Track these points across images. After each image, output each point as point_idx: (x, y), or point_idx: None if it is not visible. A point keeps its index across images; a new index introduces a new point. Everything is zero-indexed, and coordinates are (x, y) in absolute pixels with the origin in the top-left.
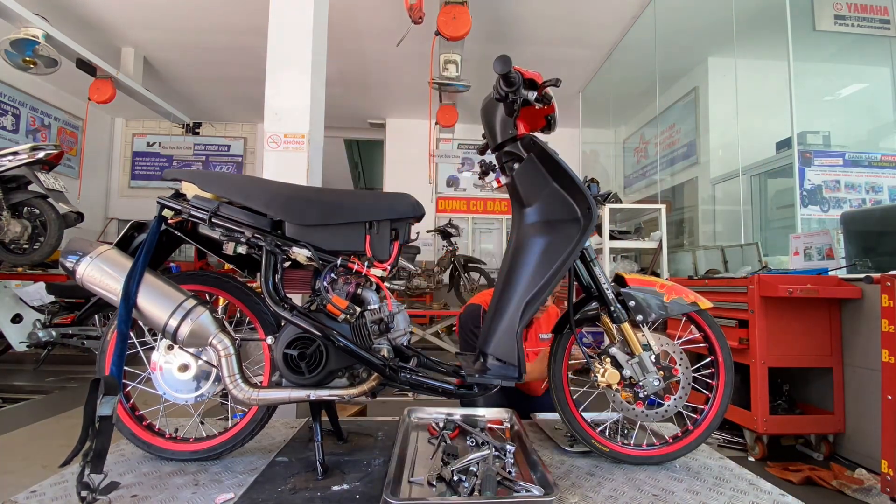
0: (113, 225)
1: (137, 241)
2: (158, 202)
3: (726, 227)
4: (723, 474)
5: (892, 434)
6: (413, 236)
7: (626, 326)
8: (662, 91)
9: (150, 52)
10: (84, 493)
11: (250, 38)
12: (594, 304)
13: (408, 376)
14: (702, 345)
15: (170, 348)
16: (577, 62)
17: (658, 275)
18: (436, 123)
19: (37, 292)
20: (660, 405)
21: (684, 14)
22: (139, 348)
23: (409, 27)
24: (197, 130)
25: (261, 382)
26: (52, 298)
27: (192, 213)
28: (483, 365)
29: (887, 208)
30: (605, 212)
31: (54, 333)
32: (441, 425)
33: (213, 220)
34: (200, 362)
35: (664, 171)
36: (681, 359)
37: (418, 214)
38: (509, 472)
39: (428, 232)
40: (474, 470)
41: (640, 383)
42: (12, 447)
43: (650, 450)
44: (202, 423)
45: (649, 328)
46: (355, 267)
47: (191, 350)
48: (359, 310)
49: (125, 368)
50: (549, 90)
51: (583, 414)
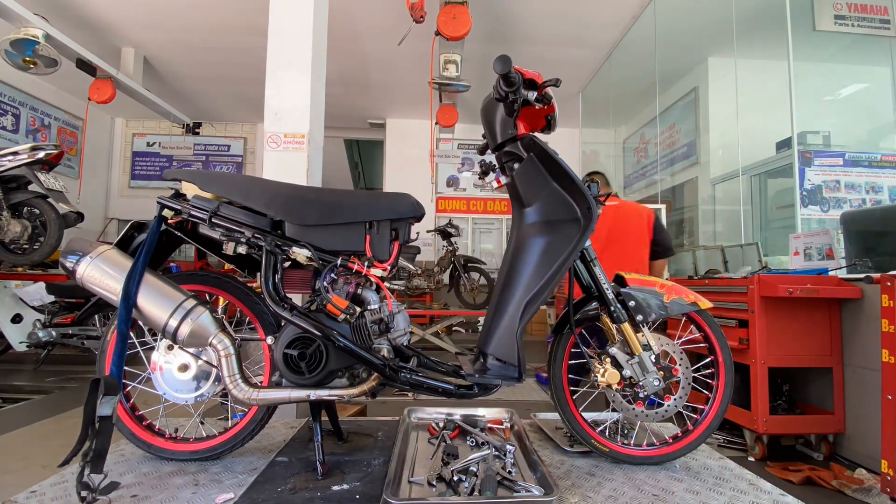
0: (113, 225)
1: (137, 241)
2: (158, 202)
3: (726, 227)
4: (723, 474)
5: (892, 434)
6: (413, 236)
7: (626, 326)
8: (662, 91)
9: (150, 52)
10: (84, 493)
11: (250, 38)
12: (594, 304)
13: (408, 376)
14: (702, 345)
15: (170, 348)
16: (577, 62)
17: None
18: (436, 123)
19: (37, 292)
20: (660, 405)
21: (684, 14)
22: (139, 348)
23: (410, 26)
24: (197, 130)
25: (261, 382)
26: (52, 298)
27: (192, 213)
28: (483, 365)
29: (887, 208)
30: None
31: (54, 333)
32: (441, 425)
33: (213, 220)
34: (200, 362)
35: (664, 171)
36: (681, 359)
37: (418, 214)
38: (509, 472)
39: (428, 232)
40: (474, 470)
41: (640, 383)
42: (12, 447)
43: (650, 450)
44: (202, 423)
45: (649, 328)
46: (355, 267)
47: (191, 350)
48: (359, 310)
49: (125, 368)
50: (549, 90)
51: (583, 414)
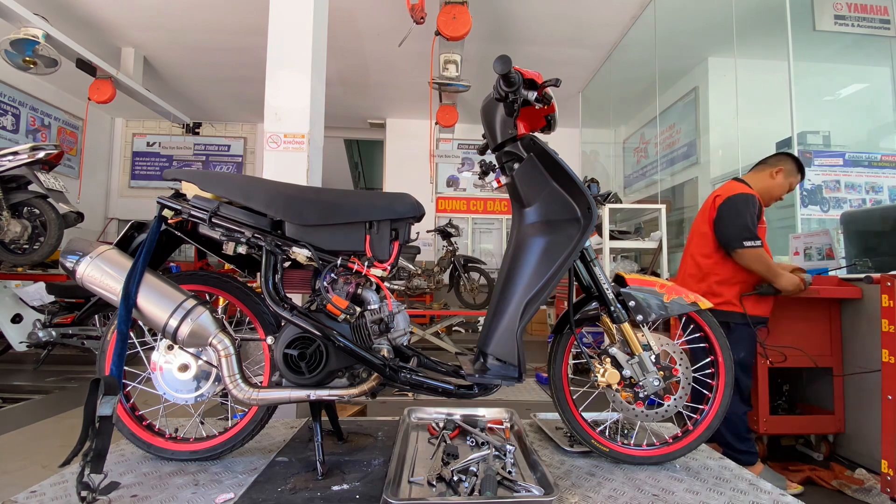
0: (113, 225)
1: (137, 241)
2: (158, 202)
3: None
4: (723, 474)
5: (892, 434)
6: (413, 236)
7: (626, 326)
8: (662, 91)
9: (150, 52)
10: (84, 493)
11: (250, 38)
12: (594, 304)
13: (408, 376)
14: (702, 345)
15: (170, 348)
16: (577, 62)
17: (658, 275)
18: (436, 123)
19: (37, 292)
20: (660, 405)
21: (684, 14)
22: (139, 348)
23: (410, 27)
24: (197, 130)
25: (261, 382)
26: (52, 298)
27: (192, 213)
28: (483, 365)
29: (887, 208)
30: (605, 212)
31: (54, 333)
32: (441, 425)
33: (213, 220)
34: (200, 362)
35: (664, 171)
36: (681, 359)
37: (418, 214)
38: (509, 472)
39: (428, 232)
40: (474, 470)
41: (640, 383)
42: (12, 447)
43: (650, 450)
44: (202, 423)
45: (649, 328)
46: (355, 267)
47: (191, 350)
48: (359, 310)
49: (125, 368)
50: (549, 90)
51: (583, 414)
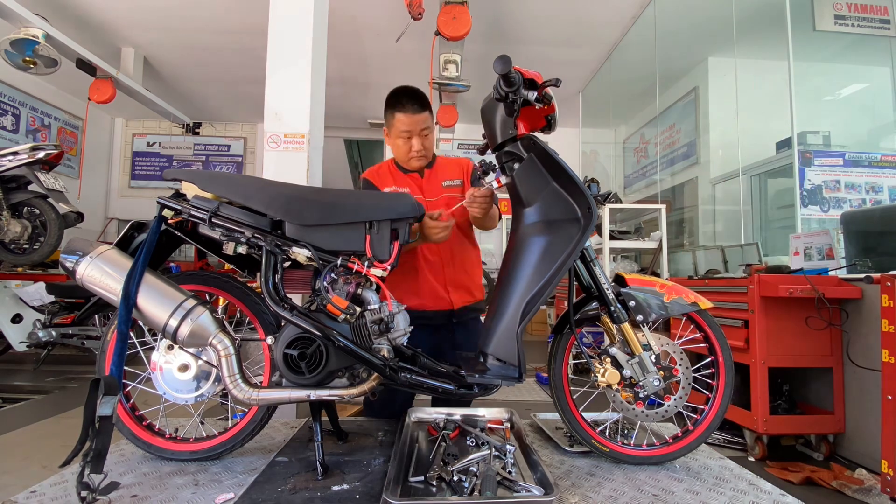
0: (113, 225)
1: (137, 241)
2: (158, 202)
3: (726, 227)
4: (723, 474)
5: (892, 434)
6: (413, 236)
7: (627, 326)
8: (662, 91)
9: (150, 52)
10: (84, 493)
11: (250, 38)
12: (594, 304)
13: (408, 376)
14: (702, 345)
15: (170, 348)
16: (577, 62)
17: (658, 275)
18: (436, 123)
19: (37, 292)
20: (660, 405)
21: (684, 14)
22: (139, 348)
23: (408, 23)
24: (197, 130)
25: (261, 382)
26: (52, 298)
27: (192, 213)
28: (483, 365)
29: (887, 208)
30: (605, 212)
31: (54, 333)
32: (441, 425)
33: (213, 220)
34: (200, 362)
35: (664, 171)
36: (681, 359)
37: (418, 214)
38: (509, 472)
39: None
40: (474, 470)
41: (640, 383)
42: (12, 447)
43: (650, 450)
44: (202, 423)
45: (649, 328)
46: (355, 267)
47: (191, 350)
48: (359, 310)
49: (125, 368)
50: (549, 90)
51: (583, 414)
